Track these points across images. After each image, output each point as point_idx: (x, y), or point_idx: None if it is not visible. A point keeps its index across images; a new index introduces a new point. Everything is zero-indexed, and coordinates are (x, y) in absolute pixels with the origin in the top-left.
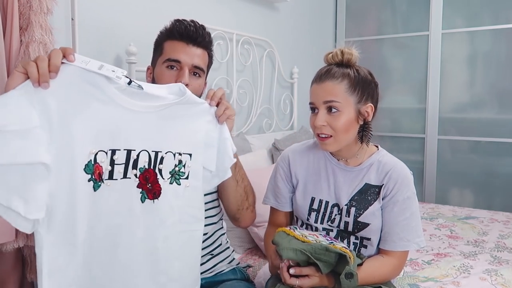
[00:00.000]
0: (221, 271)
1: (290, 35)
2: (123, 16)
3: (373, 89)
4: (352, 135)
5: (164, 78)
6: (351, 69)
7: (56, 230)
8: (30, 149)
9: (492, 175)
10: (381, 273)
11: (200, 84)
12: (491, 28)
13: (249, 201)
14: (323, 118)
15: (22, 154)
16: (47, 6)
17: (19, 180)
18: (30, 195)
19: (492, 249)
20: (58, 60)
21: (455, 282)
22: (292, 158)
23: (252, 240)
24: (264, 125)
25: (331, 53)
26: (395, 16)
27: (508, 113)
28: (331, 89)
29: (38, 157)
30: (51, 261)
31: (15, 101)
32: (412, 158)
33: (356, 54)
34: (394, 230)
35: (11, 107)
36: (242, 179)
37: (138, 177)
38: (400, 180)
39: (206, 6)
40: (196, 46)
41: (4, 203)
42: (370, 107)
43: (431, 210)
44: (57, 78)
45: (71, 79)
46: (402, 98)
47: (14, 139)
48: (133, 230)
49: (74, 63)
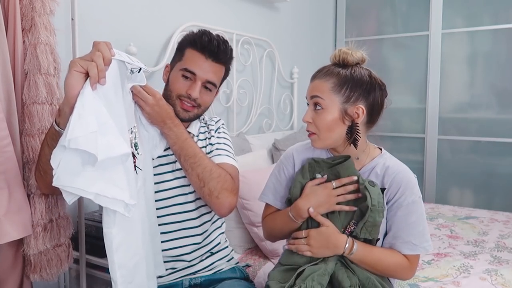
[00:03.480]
0: (220, 269)
1: (290, 35)
2: (123, 16)
3: (369, 91)
4: (337, 135)
5: (177, 85)
6: (344, 69)
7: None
8: (112, 142)
9: (492, 175)
10: (389, 262)
11: (209, 99)
12: (491, 28)
13: (209, 188)
14: (309, 115)
15: (112, 148)
16: (50, 7)
17: (110, 172)
18: (122, 182)
19: (492, 249)
20: (109, 54)
21: (455, 282)
22: (297, 157)
23: (252, 240)
24: (264, 125)
25: (333, 53)
26: (395, 16)
27: (508, 113)
28: (317, 85)
29: (122, 148)
30: (118, 236)
31: (91, 100)
32: (412, 158)
33: (358, 55)
34: (400, 235)
35: (91, 108)
36: (192, 168)
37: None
38: (404, 184)
39: (206, 6)
40: (215, 62)
41: (109, 195)
42: (360, 109)
43: (431, 210)
44: (109, 71)
45: (115, 71)
46: (402, 98)
47: (100, 136)
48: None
49: (115, 56)
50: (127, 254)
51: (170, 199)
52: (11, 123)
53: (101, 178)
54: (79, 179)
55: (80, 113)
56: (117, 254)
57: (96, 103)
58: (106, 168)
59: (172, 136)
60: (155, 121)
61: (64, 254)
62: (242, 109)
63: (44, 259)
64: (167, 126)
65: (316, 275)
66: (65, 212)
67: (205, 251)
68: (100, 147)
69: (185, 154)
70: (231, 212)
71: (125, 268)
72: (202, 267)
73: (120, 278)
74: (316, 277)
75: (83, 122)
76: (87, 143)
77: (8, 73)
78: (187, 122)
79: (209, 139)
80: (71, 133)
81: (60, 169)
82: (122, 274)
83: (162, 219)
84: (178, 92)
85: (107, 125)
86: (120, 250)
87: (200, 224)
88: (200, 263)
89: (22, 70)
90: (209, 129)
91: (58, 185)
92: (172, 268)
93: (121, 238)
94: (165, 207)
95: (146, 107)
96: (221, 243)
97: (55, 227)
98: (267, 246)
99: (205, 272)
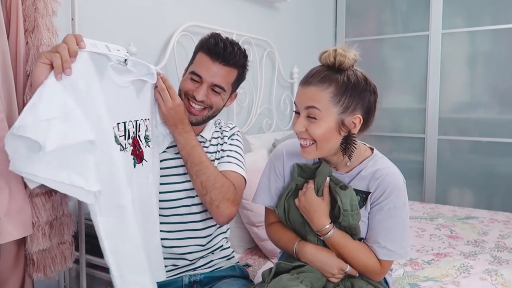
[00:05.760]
0: (220, 267)
1: (290, 35)
2: (123, 16)
3: (366, 97)
4: (333, 145)
5: (185, 87)
6: (341, 74)
7: (104, 198)
8: (74, 130)
9: (492, 175)
10: (361, 259)
11: (218, 101)
12: (491, 28)
13: (211, 196)
14: (302, 124)
15: (69, 136)
16: (52, 8)
17: (71, 159)
18: (85, 169)
19: (492, 249)
20: (75, 45)
21: (455, 282)
22: (286, 155)
23: (252, 240)
24: (264, 125)
25: (326, 52)
26: (395, 16)
27: (508, 113)
28: (313, 95)
29: (84, 136)
30: (106, 224)
31: (52, 90)
32: (412, 158)
33: (352, 56)
34: (376, 238)
35: (49, 97)
36: (196, 175)
37: (131, 145)
38: (390, 189)
39: (206, 6)
40: (222, 64)
41: (66, 181)
42: (358, 119)
43: (431, 210)
44: (77, 63)
45: (87, 62)
46: (402, 98)
47: (60, 124)
48: (133, 194)
49: (86, 48)
50: (119, 240)
51: (178, 200)
52: (12, 124)
53: (59, 164)
54: (34, 164)
55: (34, 102)
56: (107, 241)
57: (59, 92)
58: (66, 155)
59: (181, 141)
60: (168, 122)
61: (68, 251)
62: (242, 109)
63: (48, 257)
64: (178, 131)
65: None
66: (69, 210)
67: (207, 252)
68: (55, 134)
69: (192, 161)
70: (230, 221)
71: (118, 254)
72: (202, 263)
73: (115, 264)
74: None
75: (35, 110)
76: (35, 131)
77: (9, 73)
78: (200, 126)
79: (221, 145)
80: (20, 121)
81: (16, 155)
82: (116, 261)
83: (168, 218)
84: (185, 90)
85: (71, 114)
86: (110, 237)
87: (204, 227)
88: (201, 260)
89: (24, 72)
90: (223, 135)
91: (14, 170)
92: (174, 265)
93: (109, 225)
94: (172, 208)
95: (163, 107)
96: (223, 246)
97: (59, 224)
98: (267, 246)
99: (204, 269)
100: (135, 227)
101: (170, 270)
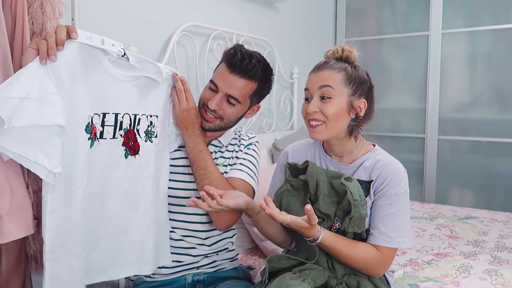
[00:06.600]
0: (223, 267)
1: (290, 35)
2: (123, 16)
3: (368, 89)
4: (342, 126)
5: (203, 95)
6: (349, 65)
7: (59, 179)
8: (48, 113)
9: (492, 175)
10: (357, 252)
11: (233, 112)
12: (491, 28)
13: None
14: (316, 105)
15: (41, 117)
16: (59, 11)
17: (42, 139)
18: (52, 150)
19: (492, 249)
20: (63, 35)
21: (455, 282)
22: (291, 154)
23: (252, 240)
24: (264, 125)
25: (331, 50)
26: (395, 16)
27: (508, 113)
28: (327, 75)
29: (55, 119)
30: (53, 202)
31: (33, 72)
32: (412, 158)
33: (356, 53)
34: (376, 224)
35: (29, 78)
36: (200, 179)
37: (123, 137)
38: (391, 177)
39: (206, 6)
40: (239, 76)
41: (32, 158)
42: (363, 103)
43: (431, 210)
44: (65, 52)
45: (76, 52)
46: (402, 98)
47: (34, 105)
48: (119, 183)
49: (78, 40)
50: (61, 220)
51: (186, 199)
52: None
53: (28, 141)
54: (3, 138)
55: (11, 81)
56: (50, 218)
57: (40, 75)
58: (36, 134)
59: (190, 144)
60: (180, 124)
61: None
62: None
63: None
64: (187, 133)
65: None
66: None
67: (211, 252)
68: (26, 113)
69: (197, 165)
70: (229, 228)
71: (55, 231)
72: (206, 263)
73: (49, 240)
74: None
75: (9, 88)
76: (2, 106)
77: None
78: (213, 132)
79: (236, 152)
80: None
81: None
82: (51, 236)
83: (175, 215)
84: (203, 101)
85: (49, 97)
86: (52, 214)
87: (209, 229)
88: (204, 259)
89: None
90: (240, 143)
91: None
92: (178, 261)
93: (55, 203)
94: (180, 205)
95: (177, 108)
96: (229, 248)
97: None
98: (267, 246)
99: (208, 268)
100: (78, 212)
101: (174, 267)
